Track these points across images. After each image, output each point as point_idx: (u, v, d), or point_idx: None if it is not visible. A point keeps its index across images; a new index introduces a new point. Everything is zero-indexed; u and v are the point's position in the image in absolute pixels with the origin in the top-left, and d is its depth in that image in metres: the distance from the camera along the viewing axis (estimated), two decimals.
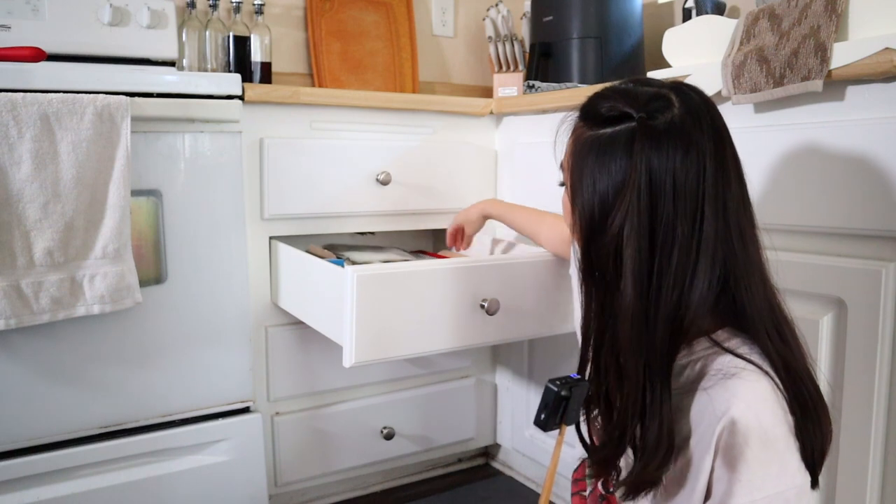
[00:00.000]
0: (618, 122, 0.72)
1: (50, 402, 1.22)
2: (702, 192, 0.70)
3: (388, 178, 1.49)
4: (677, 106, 0.71)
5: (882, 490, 0.95)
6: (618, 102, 0.73)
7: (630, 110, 0.71)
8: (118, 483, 1.28)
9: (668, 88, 0.73)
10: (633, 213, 0.69)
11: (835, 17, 0.97)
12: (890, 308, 0.92)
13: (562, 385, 0.74)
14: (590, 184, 0.73)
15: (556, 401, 0.74)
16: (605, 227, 0.72)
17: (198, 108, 1.27)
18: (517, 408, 1.68)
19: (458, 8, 2.15)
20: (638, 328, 0.70)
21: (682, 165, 0.69)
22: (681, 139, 0.70)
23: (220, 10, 1.73)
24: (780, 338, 0.72)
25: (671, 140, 0.69)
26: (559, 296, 1.27)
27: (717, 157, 0.71)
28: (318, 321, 1.26)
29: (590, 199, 0.73)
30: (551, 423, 0.75)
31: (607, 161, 0.72)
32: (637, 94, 0.73)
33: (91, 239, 1.18)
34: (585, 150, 0.74)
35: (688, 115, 0.71)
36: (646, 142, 0.69)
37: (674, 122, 0.70)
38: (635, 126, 0.71)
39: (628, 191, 0.69)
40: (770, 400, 0.68)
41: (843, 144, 0.96)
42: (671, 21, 1.82)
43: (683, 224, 0.69)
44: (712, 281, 0.70)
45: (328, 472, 1.54)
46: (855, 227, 0.96)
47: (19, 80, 1.13)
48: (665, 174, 0.69)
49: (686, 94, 0.73)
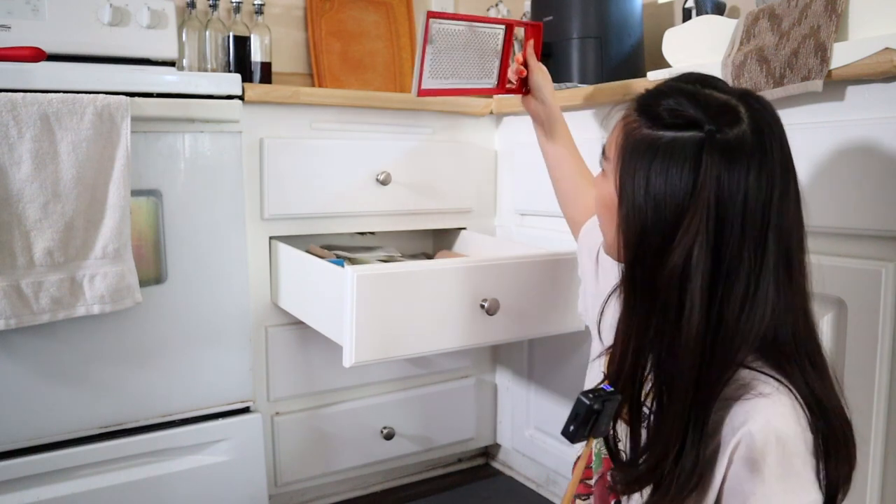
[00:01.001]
0: (682, 129, 0.67)
1: (50, 402, 1.22)
2: (768, 218, 0.66)
3: (388, 178, 1.49)
4: (746, 120, 0.67)
5: (882, 490, 0.95)
6: (682, 106, 0.68)
7: (698, 118, 0.67)
8: (118, 483, 1.28)
9: (736, 98, 0.69)
10: (702, 234, 0.65)
11: (835, 17, 0.97)
12: (890, 308, 0.92)
13: (595, 398, 0.71)
14: (642, 186, 0.68)
15: (587, 414, 0.71)
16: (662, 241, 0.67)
17: (198, 108, 1.27)
18: (517, 408, 1.68)
19: (458, 8, 2.15)
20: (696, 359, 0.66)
21: (754, 187, 0.65)
22: (752, 159, 0.66)
23: (220, 10, 1.73)
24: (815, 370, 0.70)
25: (743, 159, 0.66)
26: (559, 296, 1.28)
27: (783, 179, 0.68)
28: (318, 321, 1.26)
29: (642, 204, 0.68)
30: (580, 436, 0.72)
31: (666, 167, 0.67)
32: (707, 102, 0.68)
33: (91, 239, 1.18)
34: (641, 149, 0.70)
35: (758, 133, 0.67)
36: (715, 156, 0.65)
37: (745, 139, 0.66)
38: (703, 137, 0.66)
39: (696, 209, 0.65)
40: (789, 416, 0.66)
41: (843, 144, 0.96)
42: (671, 21, 1.82)
43: (749, 251, 0.66)
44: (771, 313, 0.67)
45: (328, 472, 1.54)
46: (855, 227, 0.96)
47: (19, 80, 1.13)
48: (736, 194, 0.65)
49: (755, 107, 0.69)
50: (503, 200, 1.68)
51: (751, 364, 0.70)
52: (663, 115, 0.69)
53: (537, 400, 1.62)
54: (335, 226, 1.49)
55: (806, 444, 0.67)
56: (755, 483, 0.65)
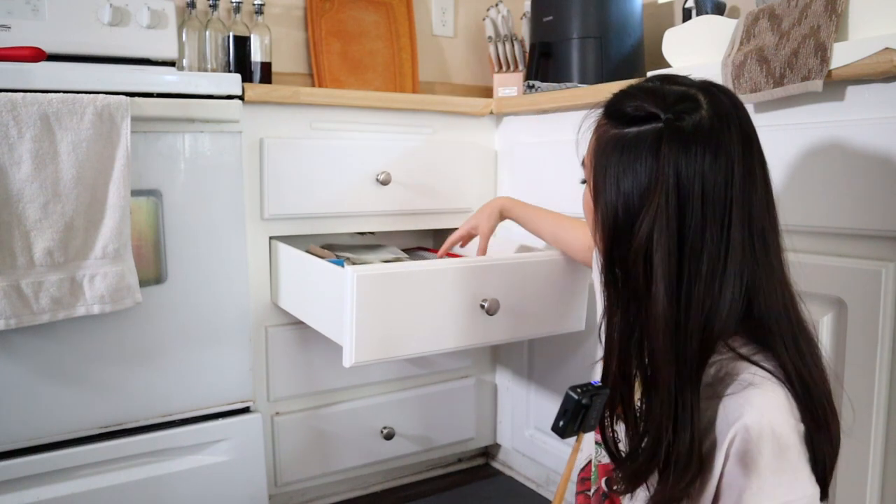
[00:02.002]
0: (643, 122, 0.70)
1: (50, 402, 1.22)
2: (730, 198, 0.68)
3: (388, 178, 1.49)
4: (705, 107, 0.69)
5: (882, 490, 0.95)
6: (644, 102, 0.71)
7: (656, 110, 0.70)
8: (118, 483, 1.28)
9: (696, 88, 0.72)
10: (662, 216, 0.68)
11: (835, 17, 0.97)
12: (890, 308, 0.92)
13: (583, 393, 0.73)
14: (613, 183, 0.71)
15: (576, 408, 0.73)
16: (632, 230, 0.70)
17: (198, 108, 1.27)
18: (517, 408, 1.68)
19: (458, 8, 2.15)
20: (670, 336, 0.68)
21: (711, 170, 0.68)
22: (709, 142, 0.68)
23: (220, 10, 1.73)
24: (796, 347, 0.71)
25: (699, 143, 0.68)
26: (559, 296, 1.28)
27: (744, 162, 0.69)
28: (318, 321, 1.26)
29: (613, 200, 0.72)
30: (569, 431, 0.74)
31: (632, 161, 0.70)
32: (664, 94, 0.71)
33: (91, 239, 1.18)
34: (609, 149, 0.73)
35: (716, 118, 0.69)
36: (673, 144, 0.68)
37: (702, 124, 0.69)
38: (662, 127, 0.69)
39: (656, 194, 0.68)
40: (784, 409, 0.67)
41: (843, 144, 0.96)
42: (671, 21, 1.82)
43: (712, 230, 0.68)
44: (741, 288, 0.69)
45: (328, 472, 1.54)
46: (855, 227, 0.96)
47: (19, 80, 1.13)
48: (694, 178, 0.68)
49: (714, 94, 0.71)
50: None
51: (738, 349, 0.71)
52: (628, 112, 0.72)
53: (537, 400, 1.62)
54: (335, 226, 1.49)
55: (799, 436, 0.68)
56: (751, 477, 0.66)
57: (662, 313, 0.68)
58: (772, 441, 0.65)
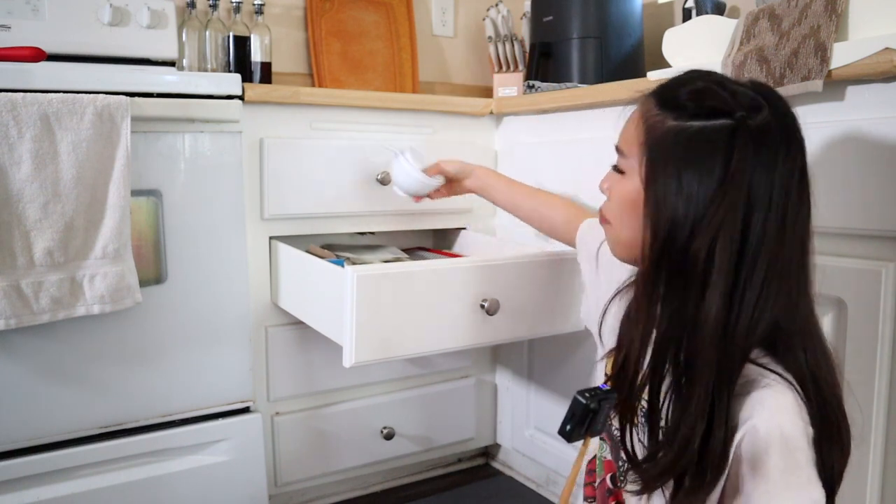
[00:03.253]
0: (710, 117, 0.67)
1: (50, 402, 1.22)
2: (788, 205, 0.67)
3: (387, 177, 1.49)
4: (766, 109, 0.67)
5: (882, 490, 0.95)
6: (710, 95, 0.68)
7: (727, 106, 0.67)
8: (118, 483, 1.27)
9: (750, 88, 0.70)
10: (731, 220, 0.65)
11: (835, 17, 0.97)
12: (890, 308, 0.92)
13: (591, 397, 0.71)
14: (674, 179, 0.68)
15: (583, 413, 0.71)
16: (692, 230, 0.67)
17: (198, 108, 1.27)
18: (517, 408, 1.68)
19: (458, 8, 2.15)
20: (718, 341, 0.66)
21: (780, 174, 0.66)
22: (779, 146, 0.66)
23: (220, 10, 1.73)
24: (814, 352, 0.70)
25: (770, 146, 0.66)
26: (559, 296, 1.27)
27: (803, 165, 0.68)
28: (318, 321, 1.26)
29: (673, 197, 0.68)
30: (576, 435, 0.73)
31: (698, 158, 0.67)
32: (732, 91, 0.68)
33: (91, 239, 1.18)
34: (668, 141, 0.69)
35: (778, 120, 0.67)
36: (748, 144, 0.65)
37: (770, 125, 0.66)
38: (734, 125, 0.66)
39: (728, 194, 0.65)
40: (792, 411, 0.66)
41: (843, 145, 0.96)
42: (671, 21, 1.82)
43: (770, 237, 0.66)
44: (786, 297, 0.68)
45: (328, 472, 1.54)
46: (855, 227, 0.96)
47: (19, 80, 1.13)
48: (763, 182, 0.66)
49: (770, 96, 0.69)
50: None
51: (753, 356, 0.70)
52: (688, 105, 0.69)
53: (537, 400, 1.62)
54: (335, 226, 1.49)
55: (808, 439, 0.67)
56: (758, 479, 0.65)
57: (715, 317, 0.66)
58: (780, 443, 0.65)
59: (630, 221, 0.76)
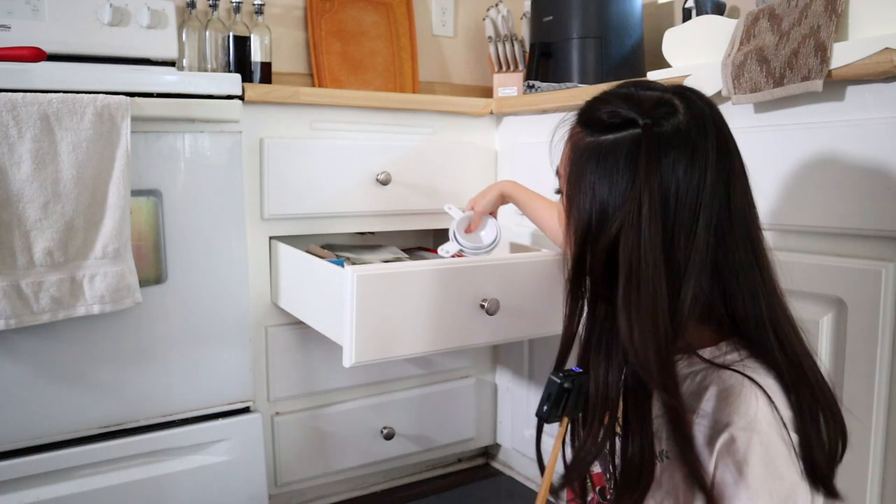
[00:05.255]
0: (620, 129, 0.69)
1: (50, 402, 1.22)
2: (700, 202, 0.68)
3: (387, 178, 1.49)
4: (682, 111, 0.69)
5: (882, 490, 0.95)
6: (620, 107, 0.70)
7: (634, 116, 0.69)
8: (118, 483, 1.27)
9: (671, 93, 0.71)
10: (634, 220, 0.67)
11: (835, 17, 0.97)
12: (890, 308, 0.92)
13: (564, 377, 0.75)
14: (588, 191, 0.71)
15: (558, 393, 0.75)
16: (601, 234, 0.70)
17: (198, 108, 1.27)
18: (517, 408, 1.68)
19: (458, 8, 2.15)
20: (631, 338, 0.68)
21: (686, 175, 0.67)
22: (686, 147, 0.67)
23: (220, 10, 1.73)
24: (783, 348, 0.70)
25: (677, 148, 0.67)
26: (559, 296, 1.27)
27: (718, 165, 0.69)
28: (318, 321, 1.26)
29: (588, 207, 0.71)
30: (553, 416, 0.77)
31: (609, 169, 0.69)
32: (640, 99, 0.70)
33: (91, 239, 1.18)
34: (584, 157, 0.72)
35: (693, 122, 0.68)
36: (652, 150, 0.67)
37: (679, 128, 0.68)
38: (639, 133, 0.68)
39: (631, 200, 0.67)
40: (768, 417, 0.67)
41: (842, 144, 0.97)
42: (671, 21, 1.82)
43: (679, 234, 0.68)
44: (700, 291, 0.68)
45: (328, 472, 1.54)
46: (855, 227, 0.96)
47: (19, 80, 1.13)
48: (669, 183, 0.67)
49: (690, 98, 0.71)
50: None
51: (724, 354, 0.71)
52: (603, 119, 0.71)
53: (537, 400, 1.61)
54: (335, 226, 1.49)
55: (785, 443, 0.67)
56: (740, 488, 0.66)
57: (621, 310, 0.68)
58: (758, 450, 0.65)
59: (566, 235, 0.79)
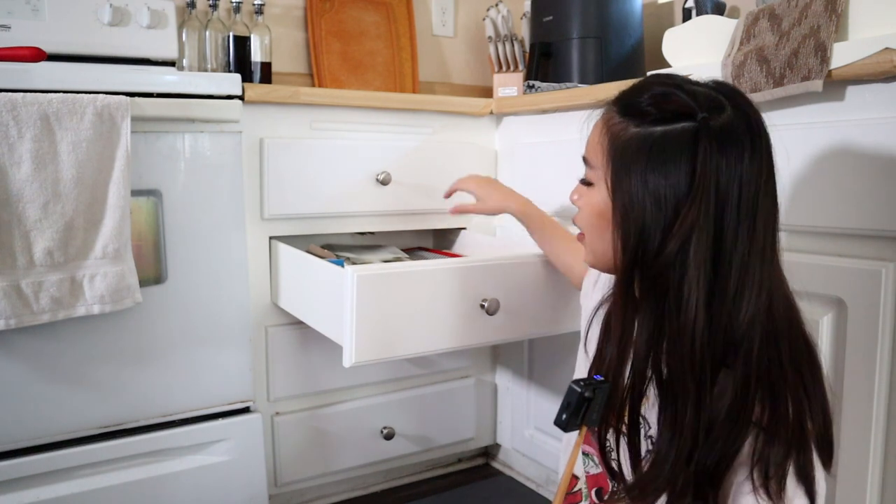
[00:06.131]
0: (672, 121, 0.67)
1: (50, 402, 1.22)
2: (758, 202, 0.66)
3: (388, 178, 1.49)
4: (728, 108, 0.67)
5: (882, 490, 0.95)
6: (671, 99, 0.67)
7: (689, 108, 0.66)
8: (118, 483, 1.27)
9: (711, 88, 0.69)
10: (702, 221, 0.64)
11: (835, 17, 0.97)
12: (890, 308, 0.92)
13: (585, 386, 0.72)
14: (640, 185, 0.67)
15: (578, 402, 0.72)
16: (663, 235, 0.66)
17: (198, 108, 1.27)
18: (517, 408, 1.68)
19: (458, 8, 2.15)
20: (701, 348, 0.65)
21: (748, 172, 0.65)
22: (744, 143, 0.65)
23: (220, 10, 1.73)
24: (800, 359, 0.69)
25: (735, 143, 0.65)
26: (559, 296, 1.27)
27: (769, 162, 0.68)
28: (318, 321, 1.26)
29: (640, 203, 0.67)
30: (572, 425, 0.73)
31: (663, 163, 0.66)
32: (693, 92, 0.68)
33: (91, 239, 1.18)
34: (632, 149, 0.68)
35: (741, 118, 0.67)
36: (713, 145, 0.65)
37: (733, 124, 0.66)
38: (697, 126, 0.65)
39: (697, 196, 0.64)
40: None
41: (843, 144, 0.96)
42: (671, 21, 1.82)
43: (742, 235, 0.65)
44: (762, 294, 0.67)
45: (328, 472, 1.54)
46: (855, 227, 0.96)
47: (19, 80, 1.13)
48: (732, 181, 0.65)
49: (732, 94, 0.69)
50: None
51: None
52: (650, 110, 0.68)
53: (537, 400, 1.62)
54: (335, 226, 1.49)
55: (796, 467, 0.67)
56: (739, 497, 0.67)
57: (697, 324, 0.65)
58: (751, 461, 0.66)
59: (601, 232, 0.75)
